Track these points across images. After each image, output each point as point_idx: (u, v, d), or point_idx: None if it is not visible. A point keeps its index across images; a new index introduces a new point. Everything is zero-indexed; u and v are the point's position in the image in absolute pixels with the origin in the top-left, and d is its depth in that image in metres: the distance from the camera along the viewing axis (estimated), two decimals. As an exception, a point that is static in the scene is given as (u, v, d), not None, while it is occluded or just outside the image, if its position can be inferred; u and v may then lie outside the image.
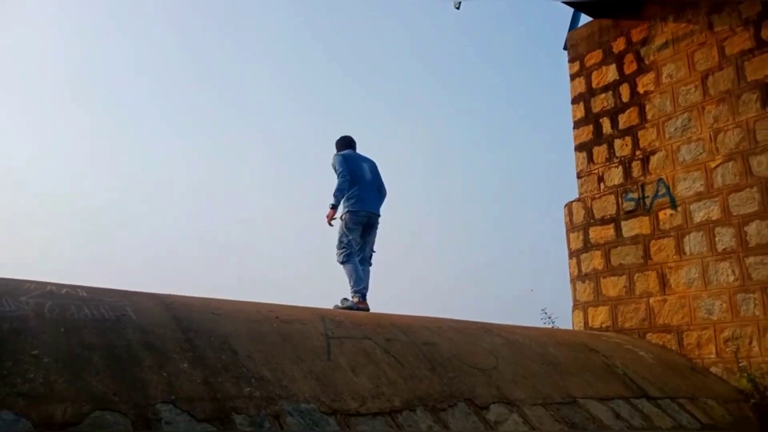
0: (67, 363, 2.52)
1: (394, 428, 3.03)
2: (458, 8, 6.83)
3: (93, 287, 3.31)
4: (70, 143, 20.44)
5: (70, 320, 2.82)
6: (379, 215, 5.69)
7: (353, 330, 3.87)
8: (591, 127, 6.95)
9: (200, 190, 20.22)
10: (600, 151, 6.81)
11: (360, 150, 5.88)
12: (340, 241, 5.46)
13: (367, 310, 5.11)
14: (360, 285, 5.29)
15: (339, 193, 5.45)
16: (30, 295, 2.92)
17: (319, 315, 4.02)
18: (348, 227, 5.45)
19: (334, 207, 5.44)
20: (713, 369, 5.49)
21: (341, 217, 5.54)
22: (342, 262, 5.42)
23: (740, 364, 5.23)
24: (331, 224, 5.45)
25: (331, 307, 5.11)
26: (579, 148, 7.05)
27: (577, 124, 7.12)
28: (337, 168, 5.54)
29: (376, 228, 5.69)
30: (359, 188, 5.53)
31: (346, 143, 5.89)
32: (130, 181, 19.59)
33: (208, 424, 2.54)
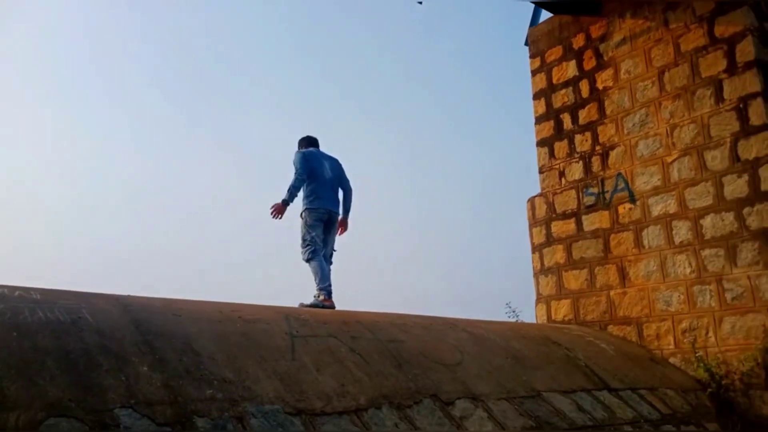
0: (20, 369, 2.43)
1: (360, 427, 3.01)
2: (421, 3, 6.84)
3: (47, 289, 3.20)
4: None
5: (23, 324, 2.72)
6: (337, 213, 5.67)
7: (318, 328, 3.83)
8: (552, 122, 7.04)
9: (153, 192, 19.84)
10: (561, 147, 6.91)
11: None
12: (304, 239, 5.42)
13: (333, 307, 5.09)
14: (325, 282, 5.26)
15: (293, 190, 5.43)
16: (-21, 299, 2.80)
17: (284, 314, 3.97)
18: (309, 224, 5.43)
19: (285, 203, 5.40)
20: (672, 360, 5.64)
21: (301, 215, 5.53)
22: (307, 260, 5.38)
23: (697, 354, 5.38)
24: (274, 217, 5.38)
25: (296, 305, 5.06)
26: (541, 143, 7.14)
27: (539, 120, 7.21)
28: (296, 165, 5.51)
29: (336, 227, 5.67)
30: (317, 185, 5.52)
31: (308, 142, 5.85)
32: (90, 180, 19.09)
33: (169, 428, 2.48)
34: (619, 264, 6.16)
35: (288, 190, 5.41)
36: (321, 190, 5.53)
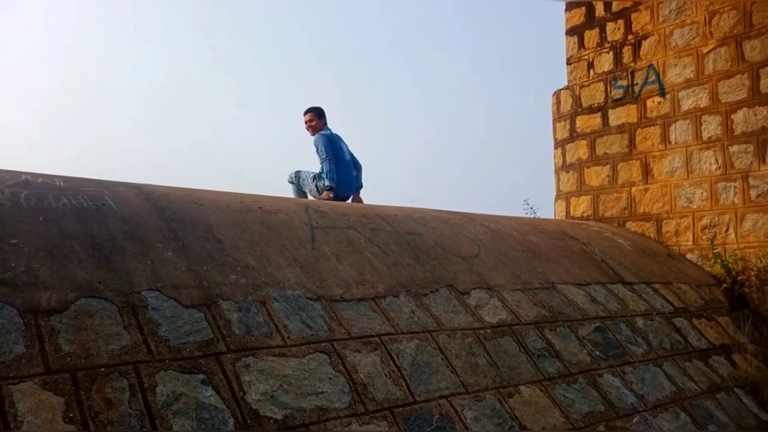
0: (49, 252, 2.50)
1: (378, 312, 3.11)
2: None
3: (69, 177, 3.24)
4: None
5: (48, 209, 2.77)
6: (351, 193, 5.97)
7: (337, 220, 3.87)
8: (583, 9, 6.67)
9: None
10: (591, 36, 6.59)
11: None
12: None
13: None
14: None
15: (332, 174, 5.66)
16: (5, 185, 2.84)
17: (303, 205, 4.01)
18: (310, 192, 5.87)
19: (331, 188, 5.66)
20: (689, 256, 5.66)
21: (315, 183, 5.80)
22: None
23: (715, 251, 5.39)
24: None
25: None
26: (570, 32, 6.81)
27: (569, 6, 6.82)
28: (323, 149, 5.71)
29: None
30: (339, 169, 5.75)
31: (324, 120, 5.99)
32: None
33: (195, 309, 2.57)
34: (643, 160, 6.04)
35: (328, 177, 5.65)
36: (342, 174, 5.77)
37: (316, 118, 5.92)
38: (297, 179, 5.98)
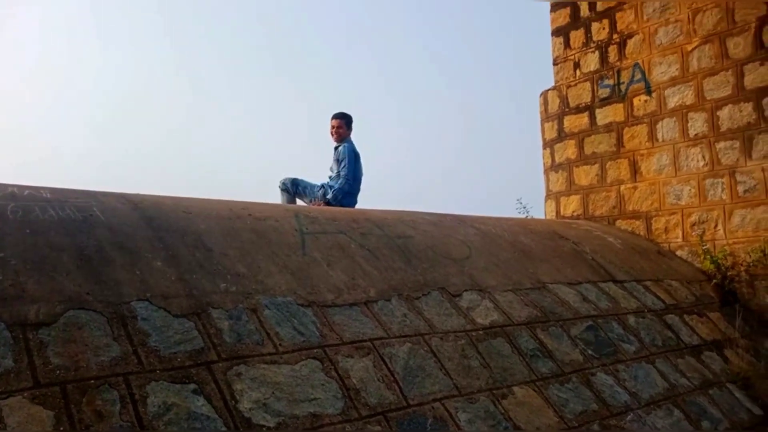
0: (36, 264, 2.48)
1: (370, 317, 3.11)
2: None
3: (56, 188, 3.21)
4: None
5: (35, 221, 2.75)
6: None
7: (328, 225, 3.87)
8: (568, 9, 6.71)
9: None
10: (577, 36, 6.63)
11: None
12: (311, 194, 5.57)
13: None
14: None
15: (340, 194, 5.40)
16: (-10, 198, 2.82)
17: (293, 212, 4.00)
18: (310, 202, 5.59)
19: (329, 203, 5.35)
20: (679, 252, 5.70)
21: (324, 193, 5.51)
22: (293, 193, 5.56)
23: (704, 247, 5.43)
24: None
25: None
26: (556, 32, 6.85)
27: (554, 7, 6.86)
28: (345, 166, 5.43)
29: None
30: (350, 187, 5.54)
31: (351, 130, 5.71)
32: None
33: (185, 319, 2.56)
34: (631, 158, 6.08)
35: (334, 192, 5.37)
36: (355, 193, 5.58)
37: (344, 125, 5.65)
38: (294, 187, 5.67)
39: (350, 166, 5.46)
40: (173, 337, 2.45)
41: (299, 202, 5.75)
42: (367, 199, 5.73)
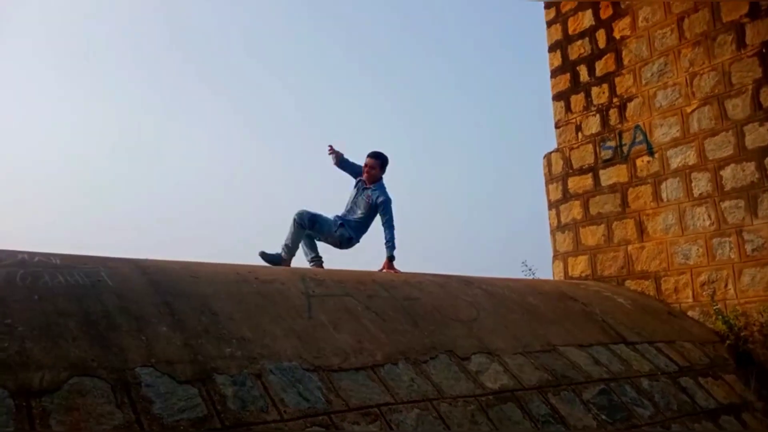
0: (43, 330, 2.49)
1: (377, 381, 3.06)
2: None
3: (66, 254, 3.25)
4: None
5: (43, 288, 2.77)
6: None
7: (334, 288, 3.87)
8: (568, 75, 6.89)
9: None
10: (577, 100, 6.78)
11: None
12: (332, 235, 5.31)
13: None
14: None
15: (392, 242, 5.19)
16: (1, 265, 2.85)
17: (300, 274, 4.01)
18: (325, 239, 5.34)
19: (393, 258, 5.17)
20: (690, 313, 5.62)
21: (330, 238, 5.31)
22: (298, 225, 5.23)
23: (716, 307, 5.35)
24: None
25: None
26: (557, 97, 7.01)
27: (554, 73, 7.06)
28: (391, 215, 5.24)
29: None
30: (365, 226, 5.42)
31: (384, 172, 5.53)
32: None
33: (189, 385, 2.53)
34: (637, 218, 6.09)
35: (392, 245, 5.16)
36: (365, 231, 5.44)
37: (378, 167, 5.40)
38: (311, 223, 5.18)
39: (392, 212, 5.27)
40: (177, 404, 2.42)
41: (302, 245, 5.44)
42: (371, 260, 5.55)
